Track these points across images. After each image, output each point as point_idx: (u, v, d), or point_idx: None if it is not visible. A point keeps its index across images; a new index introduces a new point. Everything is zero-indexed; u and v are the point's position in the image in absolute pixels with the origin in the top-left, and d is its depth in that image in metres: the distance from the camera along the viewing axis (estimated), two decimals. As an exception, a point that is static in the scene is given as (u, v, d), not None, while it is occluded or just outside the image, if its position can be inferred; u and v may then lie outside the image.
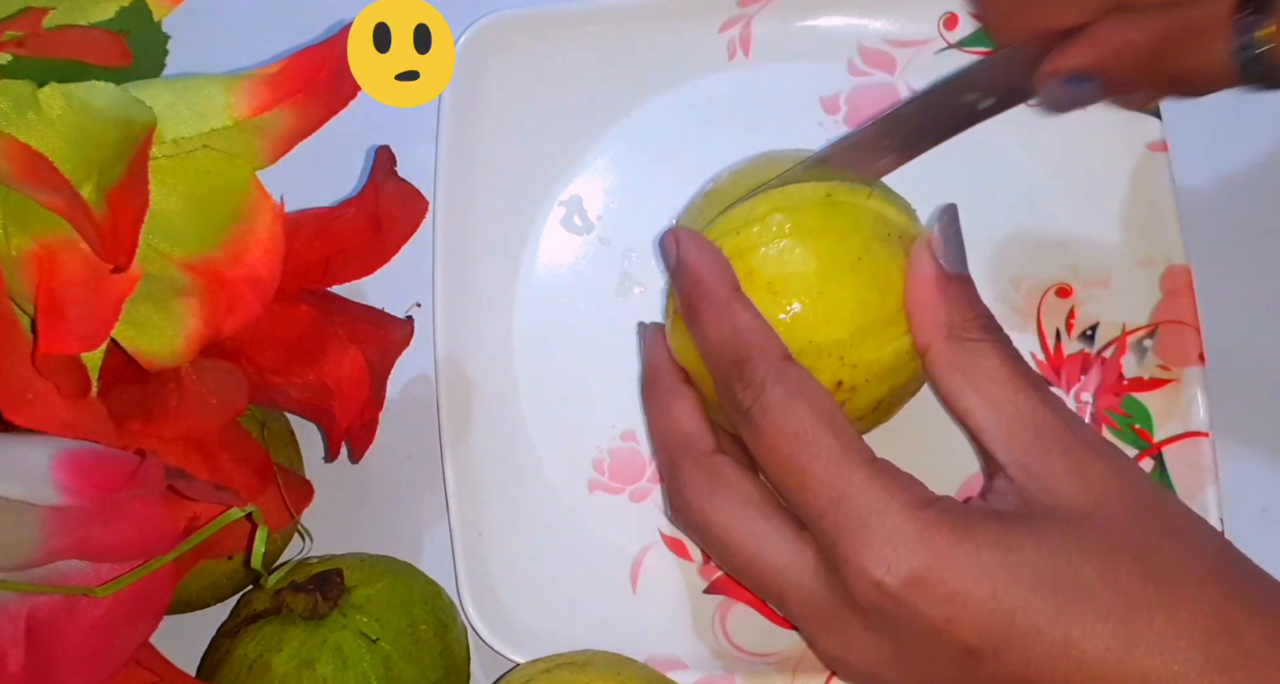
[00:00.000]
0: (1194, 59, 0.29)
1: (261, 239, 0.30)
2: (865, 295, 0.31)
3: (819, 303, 0.31)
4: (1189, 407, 0.36)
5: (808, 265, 0.31)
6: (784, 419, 0.29)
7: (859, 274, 0.31)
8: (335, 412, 0.34)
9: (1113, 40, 0.30)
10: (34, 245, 0.29)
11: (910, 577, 0.27)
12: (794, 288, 0.31)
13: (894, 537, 0.27)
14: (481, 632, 0.36)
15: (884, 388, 0.32)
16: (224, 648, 0.33)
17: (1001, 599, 0.26)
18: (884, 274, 0.31)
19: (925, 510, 0.28)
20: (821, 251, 0.31)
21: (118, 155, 0.28)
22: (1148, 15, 0.29)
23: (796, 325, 0.31)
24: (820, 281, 0.31)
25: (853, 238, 0.31)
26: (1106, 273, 0.38)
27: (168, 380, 0.31)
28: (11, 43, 0.29)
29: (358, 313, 0.37)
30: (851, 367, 0.31)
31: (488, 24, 0.40)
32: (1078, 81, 0.30)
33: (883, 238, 0.32)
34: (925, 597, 0.27)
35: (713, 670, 0.35)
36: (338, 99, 0.31)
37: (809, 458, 0.29)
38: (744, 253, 0.32)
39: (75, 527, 0.29)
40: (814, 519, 0.29)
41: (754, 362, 0.30)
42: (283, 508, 0.34)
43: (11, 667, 0.29)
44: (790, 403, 0.29)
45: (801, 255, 0.31)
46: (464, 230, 0.39)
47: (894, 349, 0.31)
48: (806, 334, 0.31)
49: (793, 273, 0.31)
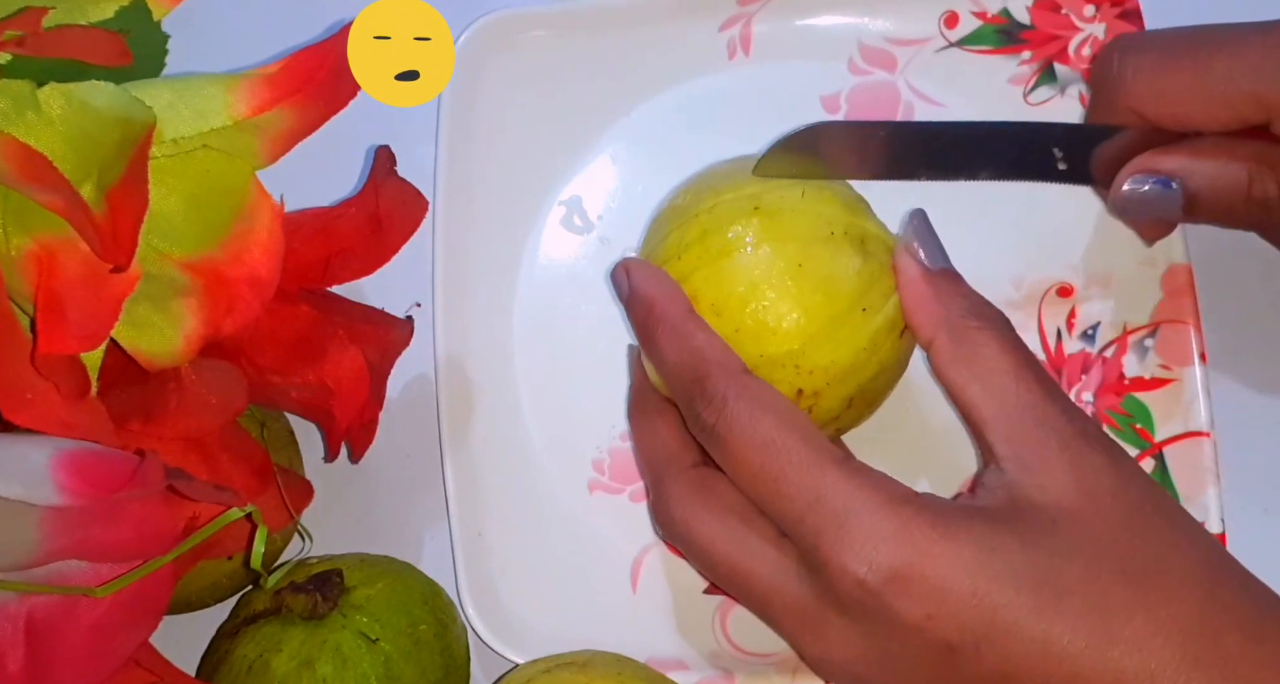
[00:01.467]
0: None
1: (261, 239, 0.30)
2: (809, 301, 0.31)
3: (765, 316, 0.31)
4: (1190, 406, 0.36)
5: (747, 282, 0.31)
6: (750, 431, 0.29)
7: (800, 281, 0.31)
8: (335, 411, 0.34)
9: (1219, 150, 0.29)
10: (34, 245, 0.29)
11: (891, 573, 0.27)
12: (736, 306, 0.31)
13: (873, 534, 0.27)
14: (481, 632, 0.36)
15: (850, 387, 0.32)
16: (224, 648, 0.33)
17: (982, 596, 0.27)
18: (827, 276, 0.31)
19: (904, 507, 0.28)
20: (758, 265, 0.31)
21: (117, 155, 0.28)
22: (1258, 137, 0.29)
23: (745, 341, 0.31)
24: (761, 296, 0.31)
25: (789, 245, 0.31)
26: (1108, 272, 0.38)
27: (167, 380, 0.31)
28: (11, 42, 0.29)
29: (357, 313, 0.37)
30: (809, 374, 0.31)
31: (487, 23, 0.40)
32: (1164, 184, 0.30)
33: (823, 239, 0.31)
34: (906, 593, 0.27)
35: (712, 671, 0.35)
36: (337, 99, 0.31)
37: (780, 465, 0.29)
38: (686, 277, 0.32)
39: (75, 527, 0.29)
40: (792, 524, 0.29)
41: (713, 378, 0.30)
42: (282, 508, 0.34)
43: (11, 667, 0.29)
44: (754, 414, 0.29)
45: (740, 272, 0.31)
46: (464, 230, 0.39)
47: (851, 348, 0.31)
48: (757, 349, 0.31)
49: (732, 292, 0.31)
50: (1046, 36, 0.39)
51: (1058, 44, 0.39)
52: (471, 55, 0.40)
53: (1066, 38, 0.39)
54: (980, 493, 0.29)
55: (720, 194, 0.33)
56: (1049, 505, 0.28)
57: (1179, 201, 0.30)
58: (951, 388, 0.30)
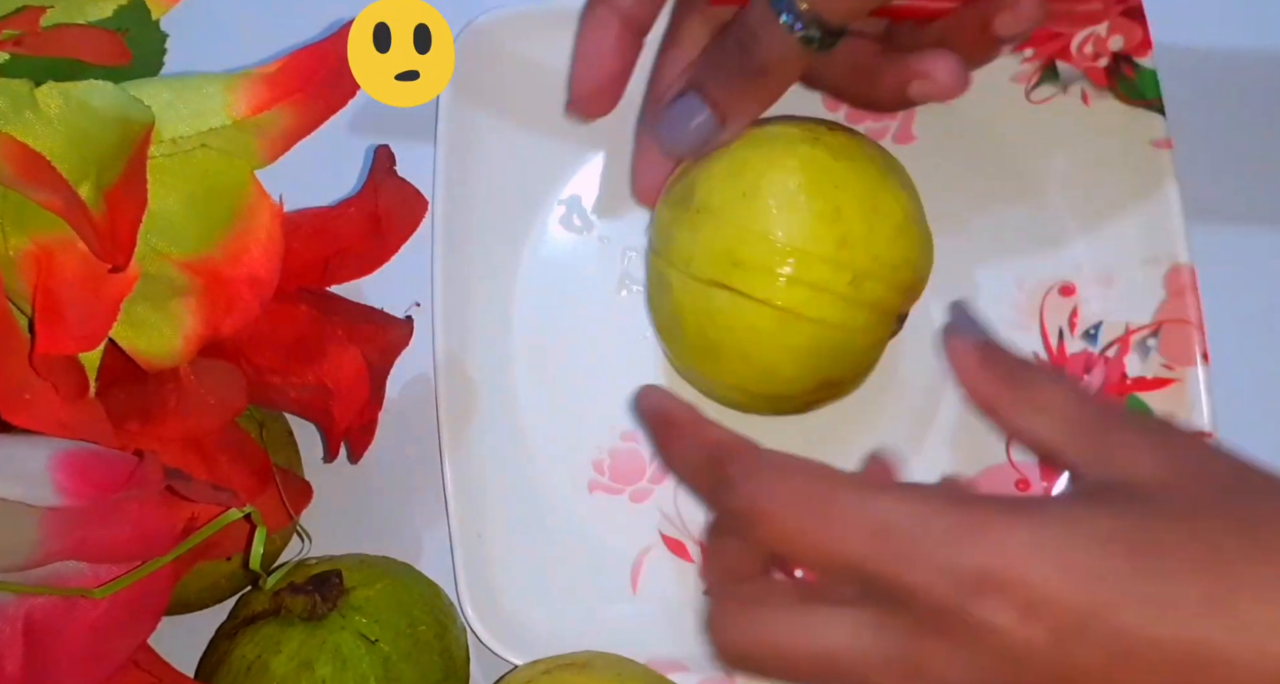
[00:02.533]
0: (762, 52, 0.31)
1: (260, 239, 0.30)
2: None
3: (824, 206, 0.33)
4: (1192, 406, 0.36)
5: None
6: (784, 493, 0.28)
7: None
8: (334, 412, 0.34)
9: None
10: (32, 245, 0.29)
11: (977, 575, 0.25)
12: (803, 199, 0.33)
13: (945, 540, 0.25)
14: (481, 633, 0.36)
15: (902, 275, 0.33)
16: (222, 649, 0.33)
17: (1075, 572, 0.24)
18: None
19: (969, 506, 0.26)
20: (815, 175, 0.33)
21: (116, 154, 0.28)
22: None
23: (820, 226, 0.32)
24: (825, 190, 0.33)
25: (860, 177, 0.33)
26: (1110, 272, 0.38)
27: (166, 381, 0.31)
28: (9, 41, 0.29)
29: (357, 313, 0.37)
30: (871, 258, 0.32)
31: (487, 22, 0.40)
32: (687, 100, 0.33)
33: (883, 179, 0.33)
34: (999, 589, 0.25)
35: (713, 672, 0.35)
36: (337, 98, 0.31)
37: (829, 516, 0.27)
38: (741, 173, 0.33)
39: (73, 528, 0.29)
40: (859, 567, 0.26)
41: (731, 461, 0.29)
42: (281, 509, 0.34)
43: (10, 668, 0.29)
44: (782, 477, 0.28)
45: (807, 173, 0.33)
46: (463, 229, 0.39)
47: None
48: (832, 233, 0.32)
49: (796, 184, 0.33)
50: (1048, 34, 0.39)
51: (1060, 42, 0.39)
52: (471, 54, 0.40)
53: (1068, 36, 0.39)
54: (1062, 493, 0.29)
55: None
56: (1136, 482, 0.26)
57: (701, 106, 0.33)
58: (1020, 431, 0.29)
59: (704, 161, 0.34)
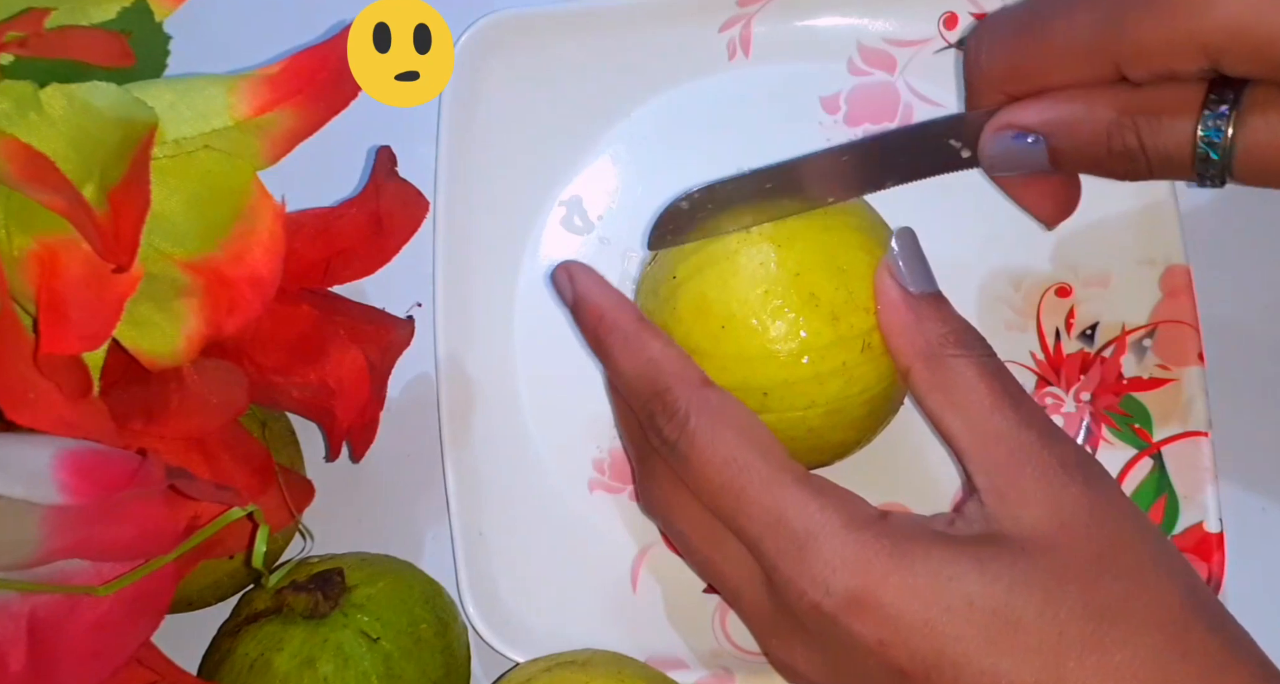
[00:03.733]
0: (1154, 136, 0.28)
1: (263, 239, 0.30)
2: (777, 348, 0.31)
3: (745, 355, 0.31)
4: (1188, 406, 0.36)
5: (726, 308, 0.32)
6: (712, 447, 0.29)
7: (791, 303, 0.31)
8: (336, 411, 0.34)
9: (1075, 103, 0.29)
10: (36, 245, 0.29)
11: (847, 599, 0.27)
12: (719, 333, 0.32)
13: (831, 559, 0.27)
14: (482, 631, 0.36)
15: (814, 417, 0.32)
16: (225, 647, 0.33)
17: (934, 627, 0.27)
18: (826, 296, 0.31)
19: (863, 532, 0.28)
20: (742, 285, 0.32)
21: (119, 155, 0.28)
22: (1120, 87, 0.28)
23: (726, 367, 0.31)
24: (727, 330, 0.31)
25: (798, 256, 0.32)
26: (1106, 272, 0.38)
27: (169, 380, 0.31)
28: (13, 43, 0.29)
29: (359, 313, 0.37)
30: (778, 400, 0.31)
31: (488, 24, 0.40)
32: (1024, 139, 0.29)
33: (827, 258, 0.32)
34: (861, 619, 0.27)
35: (712, 670, 0.35)
36: (338, 99, 0.31)
37: (742, 484, 0.29)
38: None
39: (77, 526, 0.29)
40: (752, 544, 0.29)
41: (674, 391, 0.30)
42: (284, 507, 0.34)
43: (13, 666, 0.29)
44: (715, 429, 0.29)
45: (722, 295, 0.32)
46: (464, 230, 0.39)
47: (816, 390, 0.31)
48: (737, 375, 0.31)
49: (712, 316, 0.32)
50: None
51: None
52: (472, 56, 0.40)
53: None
54: (958, 522, 0.29)
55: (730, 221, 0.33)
56: (1020, 536, 0.27)
57: (1044, 156, 0.29)
58: (930, 416, 0.30)
59: (660, 300, 0.33)
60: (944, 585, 0.27)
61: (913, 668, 0.27)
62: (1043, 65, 0.29)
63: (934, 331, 0.30)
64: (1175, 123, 0.27)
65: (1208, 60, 0.27)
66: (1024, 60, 0.29)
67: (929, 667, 0.27)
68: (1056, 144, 0.29)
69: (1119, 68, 0.28)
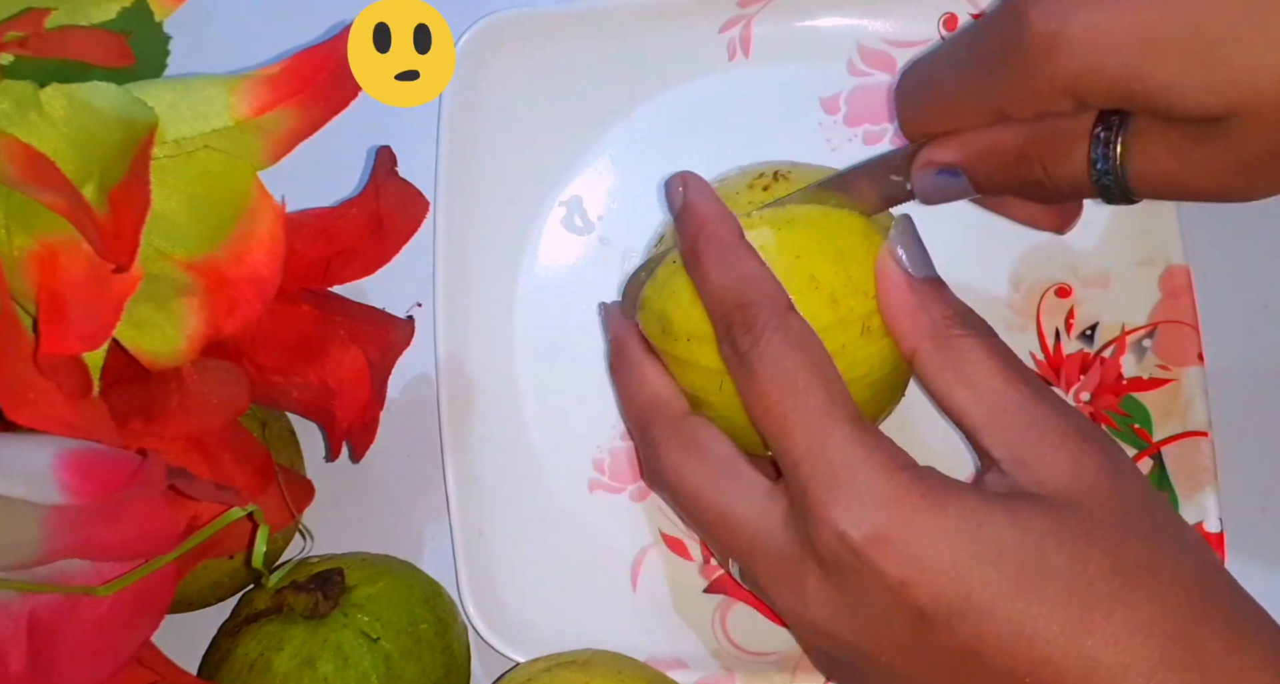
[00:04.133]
0: (1054, 166, 0.29)
1: (263, 239, 0.30)
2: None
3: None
4: (1188, 406, 0.36)
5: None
6: (777, 365, 0.29)
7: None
8: (336, 411, 0.34)
9: (982, 140, 0.30)
10: (36, 245, 0.29)
11: (874, 534, 0.27)
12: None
13: (864, 493, 0.27)
14: (482, 631, 0.36)
15: None
16: (225, 647, 0.33)
17: (961, 569, 0.27)
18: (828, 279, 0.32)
19: (900, 472, 0.28)
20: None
21: (119, 155, 0.28)
22: (1021, 123, 0.29)
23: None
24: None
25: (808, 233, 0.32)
26: (1106, 273, 0.38)
27: (169, 380, 0.31)
28: (13, 43, 0.29)
29: (359, 313, 0.37)
30: None
31: (488, 24, 0.40)
32: (948, 175, 0.31)
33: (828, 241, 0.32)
34: (885, 556, 0.27)
35: (712, 670, 0.35)
36: (339, 99, 0.31)
37: (793, 406, 0.29)
38: None
39: (77, 526, 0.29)
40: (789, 466, 0.29)
41: (758, 306, 0.30)
42: (284, 507, 0.34)
43: (13, 666, 0.29)
44: (786, 350, 0.29)
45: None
46: (464, 230, 0.39)
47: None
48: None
49: None
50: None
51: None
52: (473, 56, 0.40)
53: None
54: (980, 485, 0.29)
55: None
56: (1045, 496, 0.28)
57: (967, 186, 0.31)
58: (939, 396, 0.30)
59: (658, 284, 0.33)
60: (975, 530, 0.27)
61: (935, 610, 0.27)
62: (944, 114, 0.31)
63: (937, 312, 0.30)
64: (1070, 153, 0.29)
65: (1075, 100, 0.28)
66: (930, 110, 0.31)
67: (952, 610, 0.27)
68: (975, 176, 0.31)
69: (1005, 112, 0.29)
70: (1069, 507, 0.27)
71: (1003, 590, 0.26)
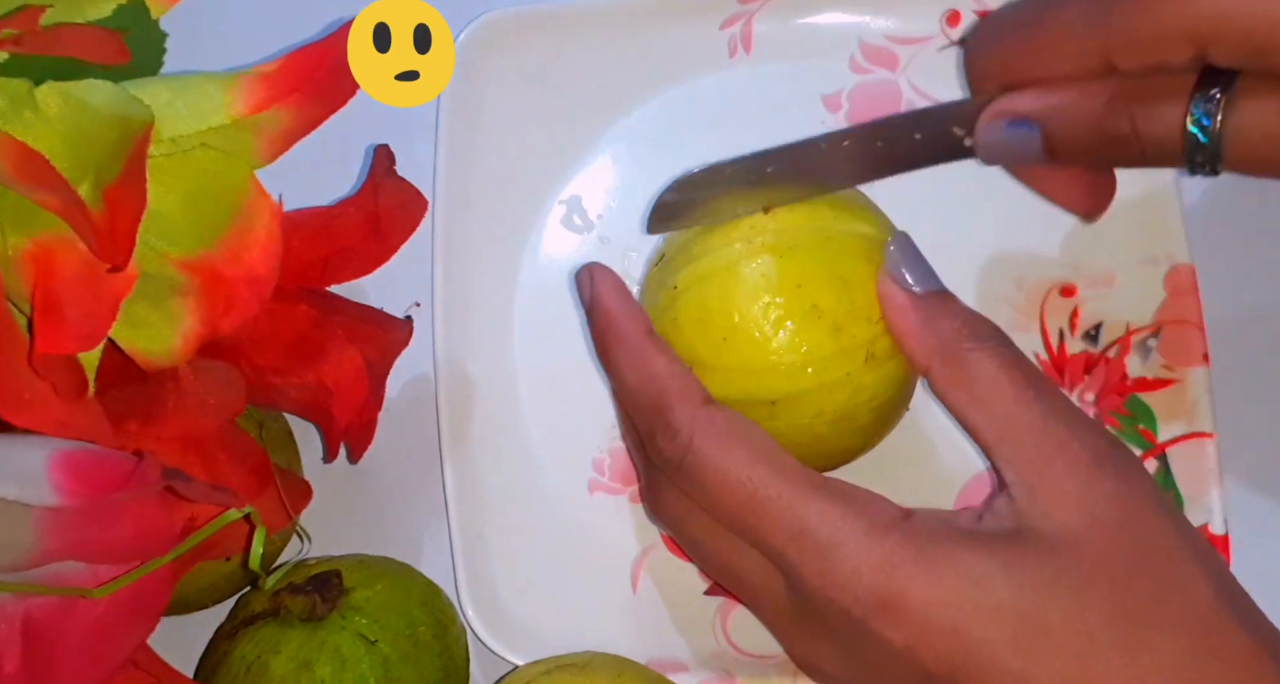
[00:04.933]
0: (1146, 120, 0.28)
1: (260, 238, 0.30)
2: (794, 340, 0.31)
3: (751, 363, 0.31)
4: (1193, 407, 0.36)
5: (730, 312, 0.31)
6: (722, 467, 0.29)
7: (794, 309, 0.31)
8: (334, 412, 0.34)
9: (1068, 90, 0.29)
10: (31, 245, 0.29)
11: (875, 604, 0.27)
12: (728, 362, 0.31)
13: (858, 566, 0.27)
14: (481, 633, 0.36)
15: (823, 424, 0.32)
16: (222, 649, 0.33)
17: (961, 630, 0.27)
18: (829, 300, 0.31)
19: (888, 535, 0.28)
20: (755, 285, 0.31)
21: (115, 154, 0.28)
22: (1114, 76, 0.28)
23: (729, 381, 0.31)
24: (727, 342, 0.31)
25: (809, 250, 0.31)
26: (1110, 272, 0.38)
27: (165, 380, 0.31)
28: (9, 40, 0.29)
29: (357, 312, 0.37)
30: (785, 408, 0.31)
31: (487, 22, 0.40)
32: (1020, 128, 0.29)
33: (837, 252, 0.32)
34: (888, 623, 0.27)
35: (713, 672, 0.35)
36: (336, 97, 0.31)
37: (759, 500, 0.28)
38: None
39: (72, 527, 0.29)
40: (776, 556, 0.29)
41: (674, 410, 0.30)
42: (281, 509, 0.34)
43: (8, 668, 0.29)
44: (722, 448, 0.29)
45: (731, 291, 0.31)
46: (463, 229, 0.39)
47: (820, 402, 0.31)
48: (740, 387, 0.31)
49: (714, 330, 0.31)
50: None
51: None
52: (471, 54, 0.40)
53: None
54: (987, 517, 0.29)
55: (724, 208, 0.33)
56: (1051, 534, 0.27)
57: (1038, 143, 0.29)
58: (955, 414, 0.30)
59: (659, 309, 0.33)
60: (970, 589, 0.27)
61: (938, 669, 0.27)
62: (1036, 59, 0.29)
63: (947, 328, 0.30)
64: (1167, 108, 0.28)
65: (1195, 49, 0.27)
66: (1019, 54, 0.30)
67: (954, 667, 0.27)
68: (1050, 131, 0.29)
69: (1110, 60, 0.28)
70: (1071, 547, 0.27)
71: (1002, 647, 0.26)
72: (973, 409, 0.29)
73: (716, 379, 0.31)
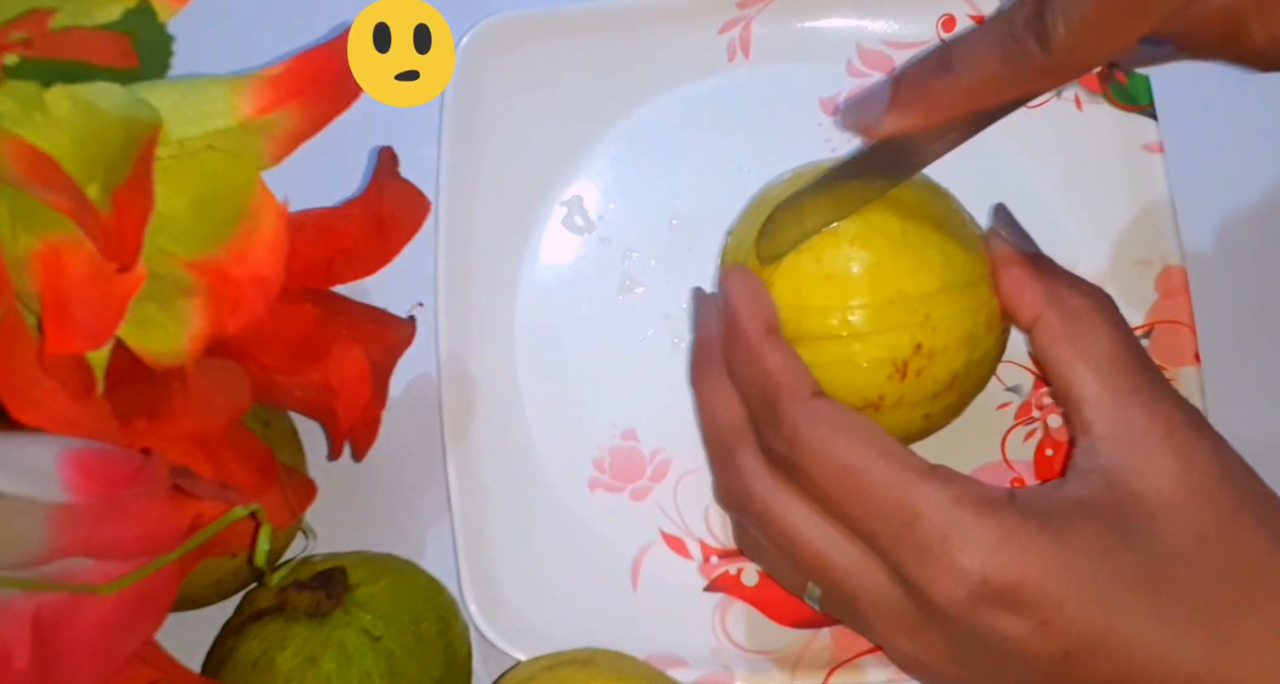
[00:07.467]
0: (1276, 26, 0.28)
1: (265, 239, 0.30)
2: (951, 252, 0.31)
3: (905, 254, 0.31)
4: (1185, 406, 0.36)
5: (891, 223, 0.31)
6: (828, 456, 0.28)
7: (943, 232, 0.31)
8: (338, 410, 0.34)
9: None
10: (40, 245, 0.29)
11: (1002, 585, 0.26)
12: (879, 242, 0.31)
13: (979, 548, 0.26)
14: (484, 629, 0.36)
15: (959, 360, 0.31)
16: (228, 645, 0.34)
17: (1104, 602, 0.26)
18: (965, 238, 0.32)
19: (1001, 513, 0.27)
20: (902, 213, 0.31)
21: (123, 156, 0.28)
22: None
23: (883, 275, 0.31)
24: (905, 235, 0.31)
25: (930, 205, 0.32)
26: (1102, 274, 0.38)
27: (172, 379, 0.31)
28: (18, 44, 0.29)
29: (360, 312, 0.37)
30: (932, 329, 0.30)
31: (490, 26, 0.40)
32: (1153, 43, 0.29)
33: (956, 211, 0.33)
34: (1018, 605, 0.26)
35: (712, 668, 0.35)
36: (341, 100, 0.31)
37: (866, 487, 0.28)
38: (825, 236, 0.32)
39: (81, 524, 0.29)
40: (885, 545, 0.28)
41: (783, 403, 0.29)
42: (286, 506, 0.34)
43: (18, 664, 0.29)
44: (829, 438, 0.28)
45: (883, 216, 0.31)
46: (466, 230, 0.39)
47: (973, 319, 0.31)
48: (895, 284, 0.31)
49: (877, 229, 0.31)
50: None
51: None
52: (474, 57, 0.40)
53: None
54: (1073, 476, 0.28)
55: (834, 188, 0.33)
56: (1150, 496, 0.27)
57: (1170, 50, 0.30)
58: (1054, 364, 0.29)
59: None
60: (1102, 561, 0.26)
61: (1079, 646, 0.26)
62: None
63: (1060, 281, 0.30)
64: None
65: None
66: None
67: (1096, 643, 0.26)
68: (1179, 43, 0.29)
69: None
70: (1177, 509, 0.27)
71: (1144, 616, 0.26)
72: (1076, 362, 0.29)
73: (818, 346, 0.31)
